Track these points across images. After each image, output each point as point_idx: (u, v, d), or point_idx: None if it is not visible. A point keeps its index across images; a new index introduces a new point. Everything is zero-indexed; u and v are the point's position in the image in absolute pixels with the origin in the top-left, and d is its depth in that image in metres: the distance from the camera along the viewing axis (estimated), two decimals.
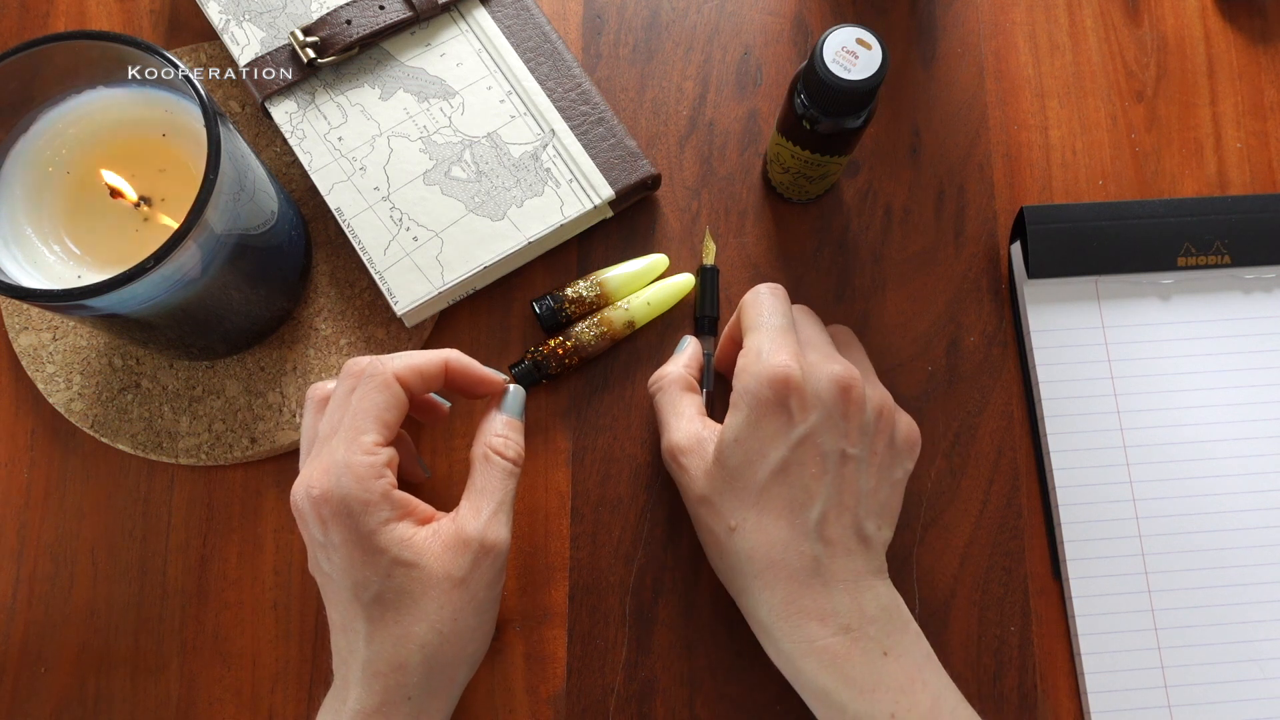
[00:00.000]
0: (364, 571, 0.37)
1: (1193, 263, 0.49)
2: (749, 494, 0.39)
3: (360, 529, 0.37)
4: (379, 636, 0.37)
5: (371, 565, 0.37)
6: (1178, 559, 0.46)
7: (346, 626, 0.38)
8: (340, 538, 0.37)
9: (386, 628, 0.37)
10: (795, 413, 0.38)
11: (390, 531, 0.37)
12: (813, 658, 0.37)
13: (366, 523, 0.37)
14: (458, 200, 0.48)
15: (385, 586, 0.37)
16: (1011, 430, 0.48)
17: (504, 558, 0.39)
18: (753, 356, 0.39)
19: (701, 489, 0.40)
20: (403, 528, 0.37)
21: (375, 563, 0.37)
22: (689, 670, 0.45)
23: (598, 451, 0.48)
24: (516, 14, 0.51)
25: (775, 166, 0.48)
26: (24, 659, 0.46)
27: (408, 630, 0.37)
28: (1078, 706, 0.46)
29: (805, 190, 0.49)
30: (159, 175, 0.41)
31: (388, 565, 0.37)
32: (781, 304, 0.41)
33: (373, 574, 0.37)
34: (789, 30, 0.53)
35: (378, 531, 0.37)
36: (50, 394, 0.47)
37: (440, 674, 0.38)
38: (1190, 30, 0.54)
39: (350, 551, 0.37)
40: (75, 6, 0.53)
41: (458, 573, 0.37)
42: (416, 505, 0.39)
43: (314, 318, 0.49)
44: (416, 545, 0.37)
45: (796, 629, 0.37)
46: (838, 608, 0.37)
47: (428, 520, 0.39)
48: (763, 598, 0.38)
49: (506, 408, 0.42)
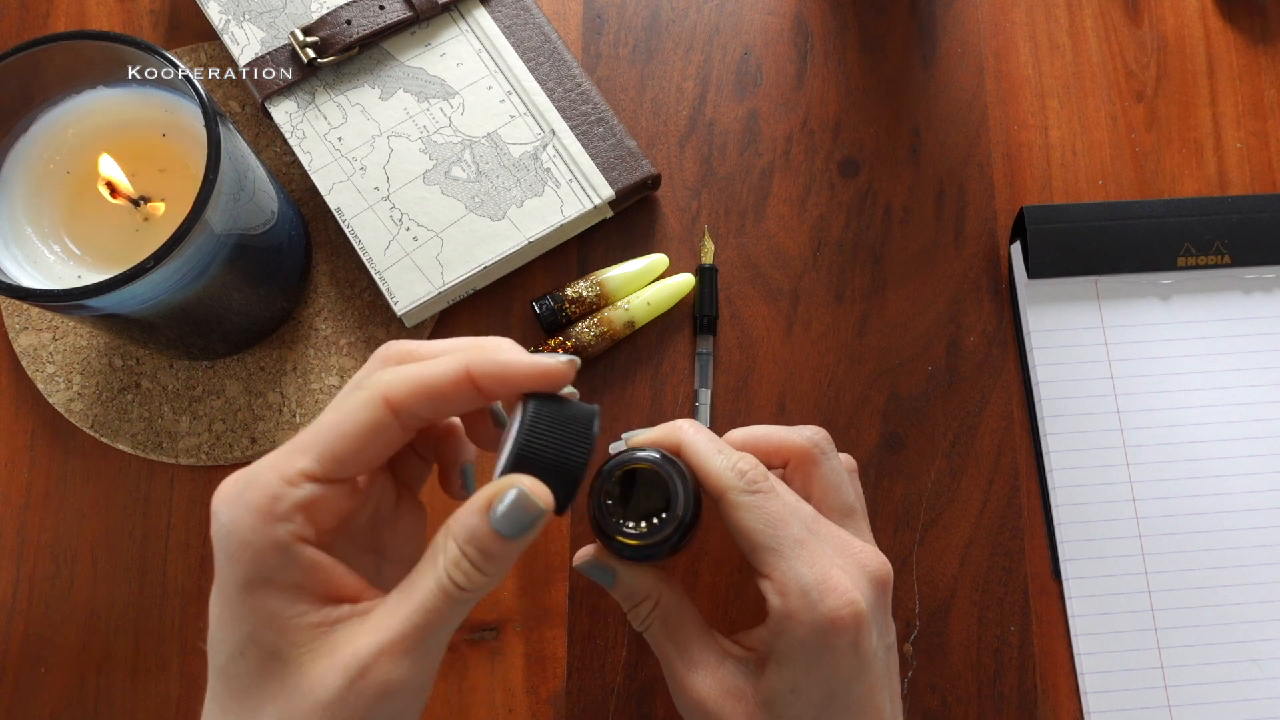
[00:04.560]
0: (223, 628, 0.29)
1: (1193, 263, 0.49)
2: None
3: (233, 575, 0.28)
4: (217, 714, 0.29)
5: (231, 625, 0.28)
6: (1178, 559, 0.46)
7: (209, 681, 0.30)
8: (217, 567, 0.29)
9: (226, 712, 0.29)
10: (863, 645, 0.33)
11: (265, 599, 0.28)
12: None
13: (238, 572, 0.28)
14: (458, 200, 0.48)
15: (236, 662, 0.28)
16: (1011, 430, 0.48)
17: (410, 706, 0.29)
18: (797, 598, 0.33)
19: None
20: (286, 602, 0.28)
21: (235, 625, 0.28)
22: None
23: (598, 451, 0.48)
24: (516, 14, 0.51)
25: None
26: (24, 659, 0.46)
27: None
28: (1078, 706, 0.46)
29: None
30: (159, 175, 0.41)
31: (244, 638, 0.28)
32: (777, 502, 0.34)
33: (230, 635, 0.28)
34: (789, 30, 0.53)
35: (250, 590, 0.28)
36: (50, 394, 0.47)
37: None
38: (1190, 30, 0.54)
39: (219, 592, 0.29)
40: (75, 6, 0.53)
41: (325, 695, 0.27)
42: (328, 574, 0.29)
43: (314, 318, 0.49)
44: (292, 632, 0.28)
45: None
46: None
47: (336, 598, 0.29)
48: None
49: (496, 517, 0.29)
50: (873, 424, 0.48)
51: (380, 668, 0.28)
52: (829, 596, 0.32)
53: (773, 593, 0.33)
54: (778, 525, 0.34)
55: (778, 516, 0.34)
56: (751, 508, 0.34)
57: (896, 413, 0.48)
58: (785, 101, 0.52)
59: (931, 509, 0.47)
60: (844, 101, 0.52)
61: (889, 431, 0.48)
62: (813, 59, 0.53)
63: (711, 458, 0.35)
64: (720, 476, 0.34)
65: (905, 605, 0.46)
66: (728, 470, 0.34)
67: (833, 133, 0.52)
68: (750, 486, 0.34)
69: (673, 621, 0.36)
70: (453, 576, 0.28)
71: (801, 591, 0.33)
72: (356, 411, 0.29)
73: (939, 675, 0.46)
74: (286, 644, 0.28)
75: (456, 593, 0.28)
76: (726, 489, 0.34)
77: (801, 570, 0.33)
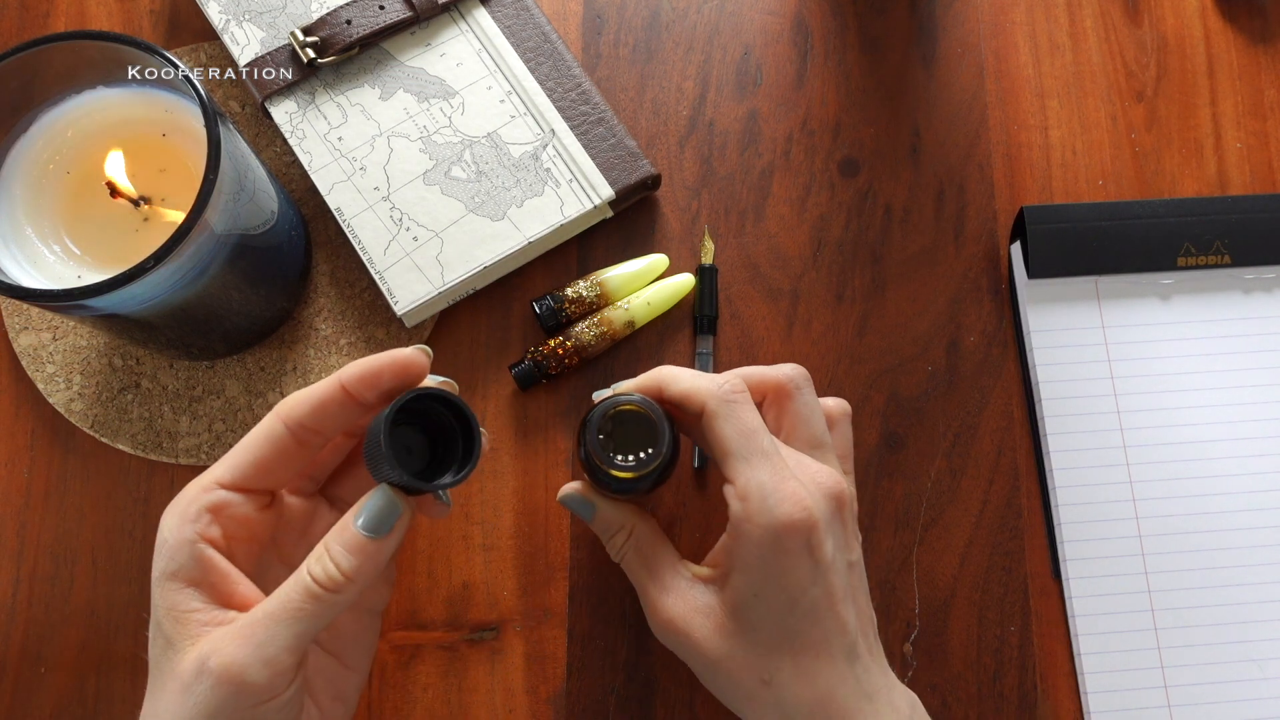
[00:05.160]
0: (151, 616, 0.32)
1: (1193, 263, 0.49)
2: (780, 642, 0.36)
3: (155, 569, 0.32)
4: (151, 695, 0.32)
5: (152, 614, 0.32)
6: (1178, 559, 0.46)
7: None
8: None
9: (149, 693, 0.32)
10: (816, 549, 0.35)
11: (170, 591, 0.32)
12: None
13: (157, 566, 0.32)
14: (458, 200, 0.48)
15: (151, 646, 0.32)
16: (1011, 430, 0.48)
17: (258, 700, 0.30)
18: (756, 502, 0.35)
19: (717, 651, 0.37)
20: (185, 595, 0.31)
21: (153, 614, 0.32)
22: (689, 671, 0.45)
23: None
24: (516, 14, 0.51)
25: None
26: (24, 659, 0.46)
27: (151, 714, 0.32)
28: (1078, 706, 0.46)
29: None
30: (159, 175, 0.41)
31: (154, 626, 0.32)
32: (753, 413, 0.37)
33: (150, 622, 0.32)
34: (789, 30, 0.53)
35: (161, 582, 0.32)
36: (50, 394, 0.47)
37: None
38: (1190, 30, 0.54)
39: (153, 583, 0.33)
40: (75, 6, 0.53)
41: (181, 682, 0.31)
42: (225, 577, 0.32)
43: (314, 318, 0.49)
44: (184, 624, 0.31)
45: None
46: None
47: (226, 603, 0.32)
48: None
49: (361, 518, 0.32)
50: (873, 424, 0.48)
51: (222, 652, 0.30)
52: (784, 502, 0.35)
53: (734, 497, 0.36)
54: (748, 436, 0.36)
55: (750, 427, 0.36)
56: (728, 416, 0.36)
57: (896, 413, 0.48)
58: (785, 101, 0.52)
59: (931, 509, 0.47)
60: (844, 101, 0.52)
61: (889, 431, 0.48)
62: (813, 59, 0.53)
63: (694, 378, 0.38)
64: (701, 390, 0.37)
65: (905, 605, 0.46)
66: (709, 383, 0.37)
67: (833, 133, 0.52)
68: (729, 396, 0.37)
69: (646, 550, 0.39)
70: (311, 571, 0.31)
71: (760, 496, 0.35)
72: (258, 428, 0.34)
73: (939, 675, 0.46)
74: (178, 634, 0.31)
75: (314, 587, 0.31)
76: (707, 398, 0.37)
77: (761, 477, 0.35)
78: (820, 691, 0.36)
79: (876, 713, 0.36)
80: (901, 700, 0.38)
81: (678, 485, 0.47)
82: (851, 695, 0.36)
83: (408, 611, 0.46)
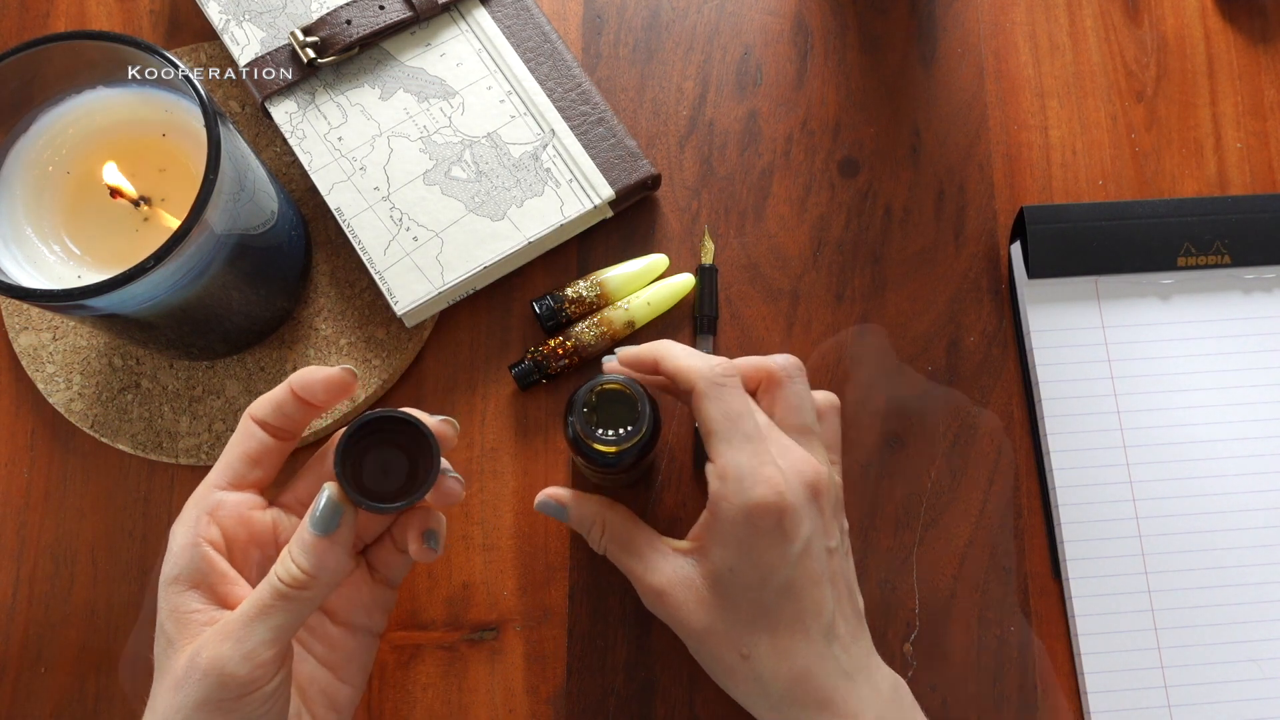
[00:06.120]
0: (158, 617, 0.35)
1: (1193, 263, 0.49)
2: (757, 618, 0.37)
3: (162, 574, 0.35)
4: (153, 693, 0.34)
5: (158, 615, 0.35)
6: (1178, 559, 0.46)
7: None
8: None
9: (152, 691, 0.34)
10: (789, 531, 0.37)
11: (173, 594, 0.34)
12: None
13: (164, 570, 0.35)
14: (458, 200, 0.48)
15: (155, 645, 0.35)
16: (1011, 430, 0.48)
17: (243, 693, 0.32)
18: (733, 482, 0.37)
19: (700, 623, 0.38)
20: (187, 598, 0.34)
21: (158, 615, 0.35)
22: (689, 670, 0.45)
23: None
24: (516, 14, 0.51)
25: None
26: (24, 659, 0.46)
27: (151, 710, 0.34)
28: (1078, 706, 0.46)
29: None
30: (159, 175, 0.41)
31: (158, 626, 0.34)
32: (740, 398, 0.38)
33: (157, 623, 0.35)
34: (789, 30, 0.53)
35: (165, 586, 0.35)
36: (50, 394, 0.47)
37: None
38: (1190, 30, 0.54)
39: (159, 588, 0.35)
40: (75, 6, 0.53)
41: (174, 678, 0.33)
42: (224, 578, 0.35)
43: (314, 318, 0.49)
44: (183, 624, 0.34)
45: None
46: (863, 702, 0.37)
47: (225, 603, 0.35)
48: (793, 714, 0.37)
49: (308, 519, 0.34)
50: (873, 424, 0.48)
51: (208, 648, 0.32)
52: (759, 485, 0.36)
53: (714, 476, 0.38)
54: (734, 419, 0.38)
55: (737, 411, 0.38)
56: (717, 399, 0.38)
57: (896, 413, 0.48)
58: (785, 101, 0.52)
59: (931, 509, 0.47)
60: (844, 101, 0.52)
61: (889, 431, 0.48)
62: (813, 59, 0.53)
63: (688, 357, 0.39)
64: (693, 370, 0.38)
65: (905, 605, 0.46)
66: (701, 363, 0.38)
67: (833, 133, 0.52)
68: (719, 379, 0.38)
69: (622, 537, 0.41)
70: (277, 572, 0.34)
71: (737, 477, 0.37)
72: (236, 430, 0.38)
73: (939, 675, 0.46)
74: (179, 634, 0.33)
75: (281, 586, 0.33)
76: (697, 379, 0.38)
77: (740, 459, 0.37)
78: (797, 668, 0.37)
79: (855, 690, 0.37)
80: (883, 681, 0.39)
81: (678, 485, 0.47)
82: (830, 673, 0.37)
83: (408, 611, 0.46)
